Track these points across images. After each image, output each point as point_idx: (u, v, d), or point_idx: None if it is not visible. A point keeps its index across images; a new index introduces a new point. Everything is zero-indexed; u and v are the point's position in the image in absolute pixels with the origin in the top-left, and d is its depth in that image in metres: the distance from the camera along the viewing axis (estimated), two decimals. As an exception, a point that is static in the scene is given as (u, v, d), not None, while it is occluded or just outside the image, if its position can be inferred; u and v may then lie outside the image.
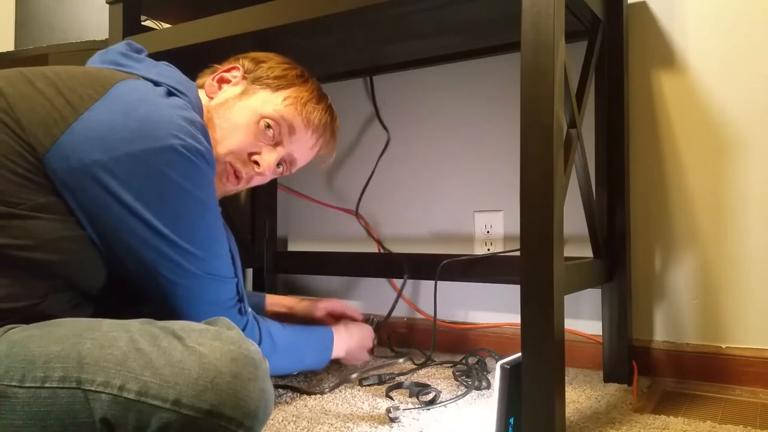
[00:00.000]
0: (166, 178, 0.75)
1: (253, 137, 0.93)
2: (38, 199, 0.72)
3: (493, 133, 1.39)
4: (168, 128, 0.75)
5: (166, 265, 0.78)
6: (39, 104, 0.73)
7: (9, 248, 0.70)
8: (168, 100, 0.81)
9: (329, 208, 1.63)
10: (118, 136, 0.73)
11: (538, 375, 0.81)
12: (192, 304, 0.82)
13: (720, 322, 1.15)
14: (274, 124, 0.94)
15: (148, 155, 0.74)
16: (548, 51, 0.83)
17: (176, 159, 0.75)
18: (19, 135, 0.72)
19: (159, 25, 1.47)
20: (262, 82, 0.97)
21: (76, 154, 0.72)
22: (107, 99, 0.76)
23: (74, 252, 0.75)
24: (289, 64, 1.01)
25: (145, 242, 0.76)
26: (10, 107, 0.73)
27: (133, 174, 0.74)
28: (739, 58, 1.13)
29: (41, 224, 0.72)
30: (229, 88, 0.97)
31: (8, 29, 2.00)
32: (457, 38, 1.27)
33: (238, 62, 1.00)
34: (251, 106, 0.94)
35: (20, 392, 0.63)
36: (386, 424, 0.91)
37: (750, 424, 0.91)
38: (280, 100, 0.96)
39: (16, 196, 0.71)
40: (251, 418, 0.62)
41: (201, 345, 0.64)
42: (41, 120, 0.72)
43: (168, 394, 0.61)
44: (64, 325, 0.69)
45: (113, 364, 0.63)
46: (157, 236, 0.76)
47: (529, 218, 0.83)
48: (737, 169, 1.13)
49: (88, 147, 0.72)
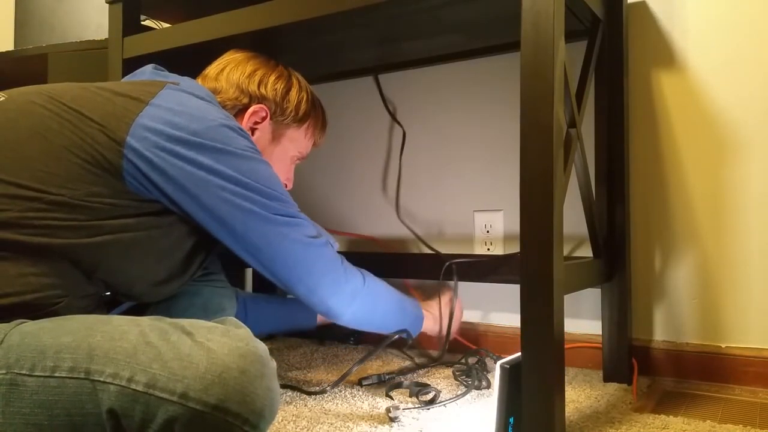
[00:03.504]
0: (232, 144, 0.85)
1: (286, 171, 1.10)
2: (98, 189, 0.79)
3: (493, 133, 1.39)
4: (218, 114, 0.88)
5: (254, 214, 0.87)
6: (100, 104, 0.82)
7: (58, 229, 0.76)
8: (208, 101, 0.92)
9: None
10: (181, 119, 0.83)
11: (538, 375, 0.81)
12: (288, 251, 0.90)
13: (720, 321, 1.15)
14: (299, 156, 1.11)
15: (209, 130, 0.84)
16: (548, 51, 0.83)
17: (233, 133, 0.86)
18: (98, 128, 0.79)
19: (159, 24, 1.47)
20: (287, 121, 1.06)
21: (151, 135, 0.81)
22: (161, 97, 0.85)
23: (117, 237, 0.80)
24: (307, 94, 1.09)
25: (234, 194, 0.85)
26: (79, 108, 0.80)
27: (203, 145, 0.83)
28: (739, 57, 1.13)
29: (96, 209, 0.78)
30: (258, 133, 1.04)
31: (8, 29, 2.00)
32: (456, 38, 1.27)
33: (262, 102, 1.03)
34: (284, 149, 1.07)
35: (29, 381, 0.64)
36: (386, 424, 0.91)
37: (750, 424, 0.91)
38: (304, 136, 1.10)
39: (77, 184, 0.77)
40: (257, 415, 0.63)
41: (210, 341, 0.65)
42: (111, 114, 0.81)
43: (175, 387, 0.61)
44: (76, 319, 0.71)
45: (123, 356, 0.63)
46: (242, 186, 0.86)
47: (529, 218, 0.83)
48: (737, 169, 1.13)
49: (161, 126, 0.81)
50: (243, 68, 1.03)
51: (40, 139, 0.78)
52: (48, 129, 0.78)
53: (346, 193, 1.61)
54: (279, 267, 0.91)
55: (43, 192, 0.75)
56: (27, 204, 0.74)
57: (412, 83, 1.50)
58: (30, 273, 0.74)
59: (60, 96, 0.82)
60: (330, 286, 0.95)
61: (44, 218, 0.75)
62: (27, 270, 0.74)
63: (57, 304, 0.76)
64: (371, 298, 1.01)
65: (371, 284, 1.02)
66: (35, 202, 0.75)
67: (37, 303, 0.74)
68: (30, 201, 0.75)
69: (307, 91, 1.09)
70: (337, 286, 0.96)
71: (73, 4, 1.64)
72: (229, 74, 1.03)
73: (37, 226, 0.74)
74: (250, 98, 1.02)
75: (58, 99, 0.81)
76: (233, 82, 1.02)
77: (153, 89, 0.86)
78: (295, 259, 0.91)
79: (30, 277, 0.74)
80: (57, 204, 0.76)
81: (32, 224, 0.74)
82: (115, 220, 0.80)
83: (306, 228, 0.93)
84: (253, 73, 1.03)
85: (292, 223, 0.91)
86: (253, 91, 1.02)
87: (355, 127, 1.60)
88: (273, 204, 0.89)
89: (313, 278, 0.93)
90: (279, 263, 0.91)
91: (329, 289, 0.95)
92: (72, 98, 0.82)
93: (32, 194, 0.75)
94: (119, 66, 1.31)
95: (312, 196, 1.66)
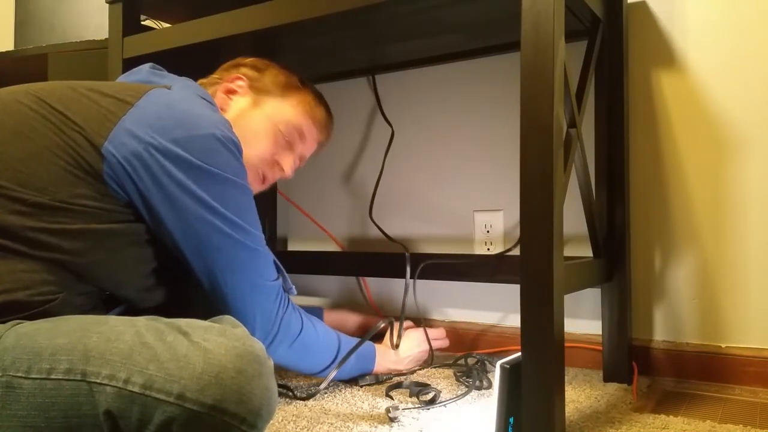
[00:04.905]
0: (210, 162, 0.83)
1: (272, 143, 1.03)
2: (81, 191, 0.78)
3: (493, 133, 1.39)
4: (208, 121, 0.84)
5: (217, 236, 0.84)
6: (85, 106, 0.81)
7: (41, 232, 0.75)
8: (202, 101, 0.91)
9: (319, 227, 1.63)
10: (165, 124, 0.81)
11: (538, 375, 0.81)
12: (242, 278, 0.88)
13: (719, 321, 1.15)
14: (287, 130, 1.04)
15: (192, 140, 0.82)
16: (548, 51, 0.83)
17: (218, 146, 0.83)
18: (78, 130, 0.78)
19: (159, 24, 1.47)
20: (269, 90, 1.04)
21: (130, 140, 0.79)
22: (148, 99, 0.84)
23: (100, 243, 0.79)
24: (288, 70, 1.09)
25: (199, 217, 0.83)
26: (63, 109, 0.80)
27: (180, 157, 0.81)
28: (739, 57, 1.13)
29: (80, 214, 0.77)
30: (239, 99, 1.04)
31: (8, 29, 2.00)
32: (456, 38, 1.27)
33: (238, 71, 1.06)
34: (265, 115, 1.03)
35: (26, 383, 0.64)
36: (386, 424, 0.91)
37: (750, 424, 0.91)
38: (289, 107, 1.05)
39: (58, 187, 0.76)
40: (254, 415, 0.63)
41: (206, 341, 0.64)
42: (93, 117, 0.80)
43: (172, 387, 0.61)
44: (72, 320, 0.70)
45: (119, 357, 0.63)
46: (208, 210, 0.83)
47: (529, 218, 0.83)
48: (737, 169, 1.13)
49: (141, 132, 0.80)
50: (232, 63, 1.08)
51: (24, 139, 0.77)
52: (32, 129, 0.78)
53: (338, 193, 1.61)
54: (221, 294, 0.88)
55: (25, 194, 0.75)
56: (10, 206, 0.74)
57: (412, 83, 1.50)
58: (20, 270, 0.73)
59: (47, 96, 0.81)
60: (259, 331, 0.91)
61: (26, 221, 0.74)
62: (17, 267, 0.73)
63: (52, 302, 0.75)
64: (301, 350, 0.98)
65: (307, 334, 0.98)
66: (17, 204, 0.74)
67: (31, 300, 0.73)
68: (12, 202, 0.74)
69: (288, 70, 1.09)
70: (265, 333, 0.92)
71: (73, 4, 1.64)
72: (221, 72, 1.07)
73: (22, 227, 0.74)
74: (231, 77, 1.05)
75: (44, 99, 0.81)
76: (221, 75, 1.06)
77: (142, 90, 0.85)
78: (239, 296, 0.88)
79: (21, 274, 0.73)
80: (38, 206, 0.75)
81: (15, 225, 0.74)
82: (99, 225, 0.79)
83: (263, 261, 0.91)
84: (241, 60, 1.08)
85: (252, 253, 0.88)
86: (232, 67, 1.07)
87: (347, 127, 1.60)
88: (235, 232, 0.86)
89: (248, 310, 0.89)
90: (224, 291, 0.88)
91: (257, 332, 0.91)
92: (58, 99, 0.81)
93: (15, 195, 0.75)
94: (119, 66, 1.31)
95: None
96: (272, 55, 1.10)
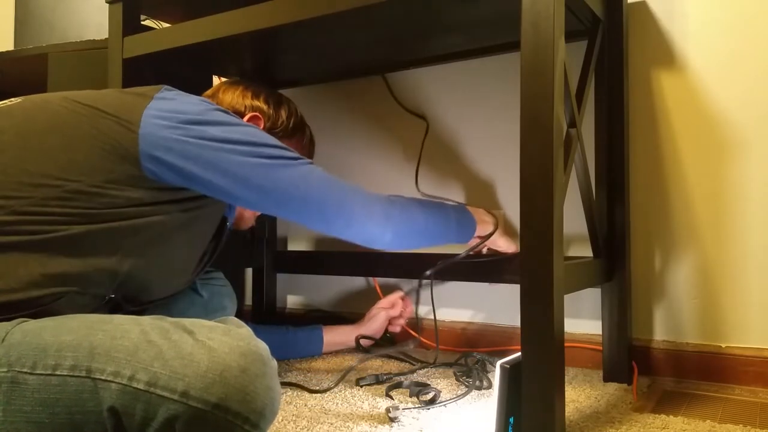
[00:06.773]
0: (231, 122, 0.88)
1: None
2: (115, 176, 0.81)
3: (492, 133, 1.39)
4: (216, 107, 0.90)
5: (275, 165, 0.87)
6: (112, 99, 0.85)
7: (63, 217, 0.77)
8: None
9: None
10: (184, 107, 0.86)
11: (538, 375, 0.81)
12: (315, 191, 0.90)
13: (719, 321, 1.15)
14: None
15: (209, 113, 0.87)
16: (548, 51, 0.83)
17: (230, 116, 0.89)
18: (111, 118, 0.82)
19: (159, 24, 1.47)
20: (280, 130, 1.10)
21: (161, 119, 0.83)
22: (163, 93, 0.88)
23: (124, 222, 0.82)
24: (297, 110, 1.15)
25: (248, 160, 0.86)
26: (93, 103, 0.84)
27: (208, 122, 0.86)
28: (739, 57, 1.13)
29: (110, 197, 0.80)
30: None
31: (8, 28, 2.00)
32: (456, 38, 1.27)
33: (255, 110, 1.09)
34: None
35: (31, 379, 0.64)
36: (386, 424, 0.91)
37: (750, 424, 0.91)
38: (298, 147, 1.13)
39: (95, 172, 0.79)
40: (257, 414, 0.63)
41: (211, 339, 0.65)
42: (122, 106, 0.84)
43: (177, 385, 0.61)
44: (77, 318, 0.71)
45: (124, 354, 0.64)
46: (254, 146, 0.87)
47: (529, 218, 0.83)
48: (737, 169, 1.13)
49: (168, 114, 0.84)
50: (235, 88, 1.10)
51: (58, 132, 0.80)
52: (65, 123, 0.81)
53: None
54: (312, 211, 0.90)
55: (65, 180, 0.77)
56: (49, 191, 0.76)
57: (411, 83, 1.50)
58: (23, 267, 0.74)
59: (74, 96, 0.86)
60: (363, 214, 0.93)
61: (64, 206, 0.76)
62: (20, 264, 0.74)
63: (57, 300, 0.76)
64: (406, 214, 0.99)
65: (400, 201, 1.00)
66: (57, 189, 0.77)
67: (40, 299, 0.74)
68: (52, 189, 0.77)
69: (296, 108, 1.15)
70: (369, 211, 0.94)
71: (73, 4, 1.64)
72: (223, 95, 1.09)
73: (58, 214, 0.76)
74: (245, 108, 1.08)
75: (72, 98, 0.85)
76: (228, 101, 1.08)
77: (156, 88, 0.90)
78: (325, 197, 0.91)
79: (22, 272, 0.74)
80: (75, 192, 0.77)
81: (53, 212, 0.76)
82: (132, 208, 0.81)
83: (316, 167, 0.93)
84: (245, 89, 1.10)
85: (307, 165, 0.91)
86: (248, 103, 1.08)
87: (349, 126, 1.60)
88: (285, 152, 0.90)
89: (346, 211, 0.92)
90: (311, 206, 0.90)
91: (363, 217, 0.93)
92: (85, 97, 0.85)
93: (55, 182, 0.77)
94: (119, 66, 1.31)
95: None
96: (272, 55, 1.10)
